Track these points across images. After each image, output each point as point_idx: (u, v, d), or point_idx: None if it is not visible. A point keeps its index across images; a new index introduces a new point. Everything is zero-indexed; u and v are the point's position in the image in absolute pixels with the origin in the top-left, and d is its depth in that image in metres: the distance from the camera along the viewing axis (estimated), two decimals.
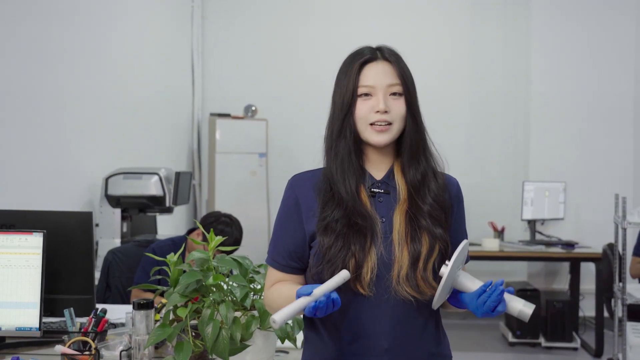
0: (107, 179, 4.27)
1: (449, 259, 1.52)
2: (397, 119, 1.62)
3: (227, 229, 3.42)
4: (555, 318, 5.49)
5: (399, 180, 1.65)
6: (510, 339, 5.57)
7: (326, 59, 6.83)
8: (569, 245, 5.69)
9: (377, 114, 1.60)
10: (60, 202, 3.93)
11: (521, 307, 1.51)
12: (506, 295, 1.52)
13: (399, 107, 1.62)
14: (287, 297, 1.57)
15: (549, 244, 5.79)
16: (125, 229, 4.35)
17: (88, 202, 4.33)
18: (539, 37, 6.29)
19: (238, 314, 2.03)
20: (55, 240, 2.33)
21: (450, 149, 6.83)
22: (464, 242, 1.55)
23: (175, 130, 6.37)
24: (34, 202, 3.51)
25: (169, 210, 4.33)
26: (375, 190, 1.64)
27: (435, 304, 1.57)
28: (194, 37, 6.70)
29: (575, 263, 5.78)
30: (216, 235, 3.51)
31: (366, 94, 1.62)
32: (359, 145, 1.64)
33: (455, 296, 1.59)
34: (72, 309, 2.24)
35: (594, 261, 5.46)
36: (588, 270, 5.94)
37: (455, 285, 1.56)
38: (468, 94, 6.69)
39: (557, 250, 5.64)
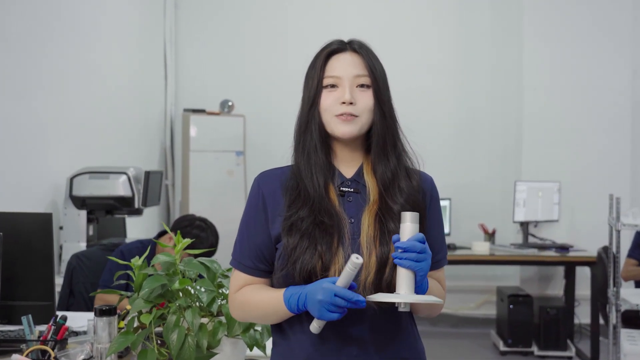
0: (71, 179, 4.28)
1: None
2: (364, 111, 1.64)
3: (202, 234, 3.45)
4: (548, 325, 5.54)
5: (369, 179, 1.67)
6: (502, 347, 5.62)
7: (307, 52, 6.84)
8: (564, 248, 5.76)
9: (342, 106, 1.62)
10: (21, 203, 3.92)
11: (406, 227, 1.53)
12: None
13: (366, 99, 1.64)
14: (266, 301, 1.61)
15: (542, 247, 5.86)
16: (91, 232, 4.36)
17: (51, 203, 4.34)
18: (531, 29, 6.35)
19: (205, 320, 2.06)
20: (12, 243, 2.36)
21: (438, 147, 6.92)
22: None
23: (147, 127, 6.37)
24: None
25: (138, 212, 4.34)
26: (344, 189, 1.66)
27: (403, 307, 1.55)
28: (166, 27, 6.71)
29: (570, 267, 5.85)
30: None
31: (332, 85, 1.65)
32: (326, 140, 1.66)
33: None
34: (30, 315, 2.26)
35: (590, 265, 5.53)
36: (584, 275, 6.02)
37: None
38: (456, 89, 6.75)
39: (551, 253, 5.71)
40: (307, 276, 1.56)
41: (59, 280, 3.68)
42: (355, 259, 1.47)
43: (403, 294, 1.50)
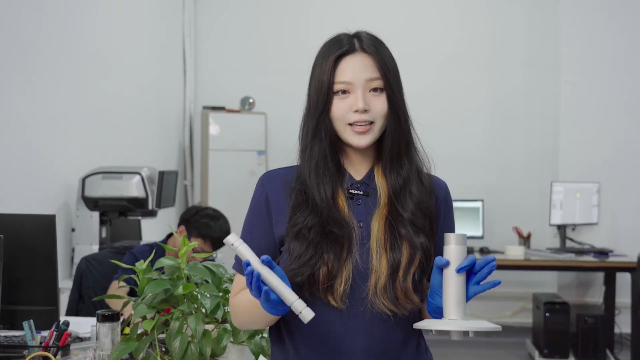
0: (84, 179, 4.33)
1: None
2: (379, 117, 1.62)
3: (212, 222, 3.49)
4: (587, 334, 5.49)
5: (380, 182, 1.67)
6: (537, 357, 5.57)
7: None
8: (603, 253, 5.68)
9: (355, 114, 1.60)
10: (32, 204, 3.98)
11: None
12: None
13: (380, 104, 1.62)
14: (248, 302, 1.60)
15: (580, 252, 5.79)
16: (104, 235, 4.41)
17: (63, 204, 4.39)
18: (569, 19, 6.28)
19: (210, 326, 2.07)
20: (14, 245, 2.39)
21: (470, 146, 6.87)
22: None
23: (164, 126, 6.43)
24: (0, 205, 3.56)
25: (152, 214, 4.38)
26: (353, 191, 1.66)
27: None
28: (185, 21, 6.76)
29: (610, 273, 5.77)
30: (201, 230, 3.55)
31: (343, 91, 1.62)
32: (336, 146, 1.66)
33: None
34: (31, 321, 2.29)
35: (631, 271, 5.46)
36: (625, 281, 5.93)
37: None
38: (488, 85, 6.71)
39: (590, 259, 5.63)
40: (310, 283, 1.56)
41: (70, 284, 3.73)
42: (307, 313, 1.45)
43: (457, 320, 1.46)
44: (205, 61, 6.92)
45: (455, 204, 6.57)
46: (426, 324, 1.49)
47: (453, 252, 1.49)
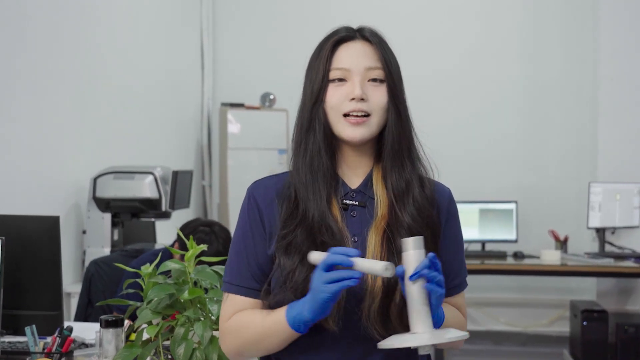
0: (95, 179, 4.37)
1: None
2: (377, 109, 1.56)
3: (206, 238, 3.47)
4: (627, 345, 5.45)
5: (379, 189, 1.60)
6: None
7: None
8: None
9: (352, 102, 1.54)
10: (41, 205, 4.02)
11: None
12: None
13: (379, 95, 1.56)
14: (262, 324, 1.53)
15: (620, 256, 5.73)
16: (116, 237, 4.45)
17: (74, 205, 4.44)
18: (609, 8, 6.22)
19: (217, 333, 2.08)
20: (16, 248, 2.42)
21: (503, 144, 6.81)
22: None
23: (181, 123, 6.47)
24: (9, 206, 3.60)
25: (165, 215, 4.41)
26: (348, 202, 1.59)
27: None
28: (203, 15, 6.79)
29: None
30: None
31: (340, 79, 1.57)
32: (331, 142, 1.59)
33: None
34: (34, 326, 2.32)
35: None
36: None
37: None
38: (522, 79, 6.67)
39: (630, 264, 5.58)
40: None
41: (80, 289, 3.77)
42: (384, 270, 1.38)
43: (422, 333, 1.40)
44: (224, 56, 6.95)
45: (487, 206, 6.50)
46: (389, 342, 1.42)
47: (408, 258, 1.42)
